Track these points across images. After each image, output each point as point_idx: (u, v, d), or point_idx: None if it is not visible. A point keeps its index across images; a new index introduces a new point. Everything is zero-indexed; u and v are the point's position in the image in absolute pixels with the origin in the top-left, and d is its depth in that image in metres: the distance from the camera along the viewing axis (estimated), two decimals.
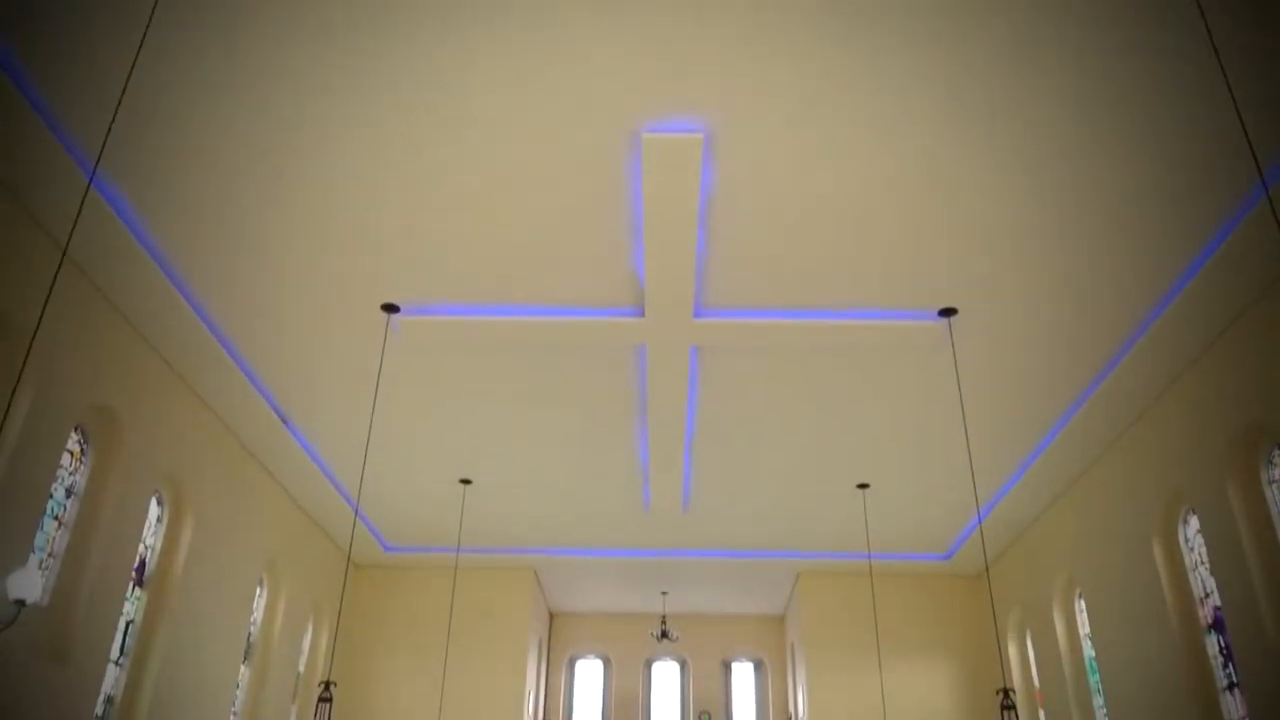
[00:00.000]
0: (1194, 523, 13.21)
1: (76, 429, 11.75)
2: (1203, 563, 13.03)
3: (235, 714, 16.24)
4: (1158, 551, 13.75)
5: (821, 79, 8.44)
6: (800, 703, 22.08)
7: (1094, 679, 16.49)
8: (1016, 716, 10.13)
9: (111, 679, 12.72)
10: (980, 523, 15.16)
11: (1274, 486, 11.46)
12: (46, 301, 6.56)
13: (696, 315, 12.06)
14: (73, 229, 6.52)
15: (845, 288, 11.44)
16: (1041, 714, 18.37)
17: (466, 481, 17.13)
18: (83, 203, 6.25)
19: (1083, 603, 16.83)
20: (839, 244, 10.64)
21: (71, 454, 11.78)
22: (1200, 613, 13.17)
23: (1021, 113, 8.73)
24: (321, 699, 10.48)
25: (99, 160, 6.67)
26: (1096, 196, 9.74)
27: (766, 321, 12.11)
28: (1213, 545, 12.37)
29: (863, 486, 16.96)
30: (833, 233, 10.46)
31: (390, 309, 11.96)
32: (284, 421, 14.87)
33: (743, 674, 25.89)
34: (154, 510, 13.77)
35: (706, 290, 11.60)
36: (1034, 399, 13.75)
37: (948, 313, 11.74)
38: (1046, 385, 13.37)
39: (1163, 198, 9.72)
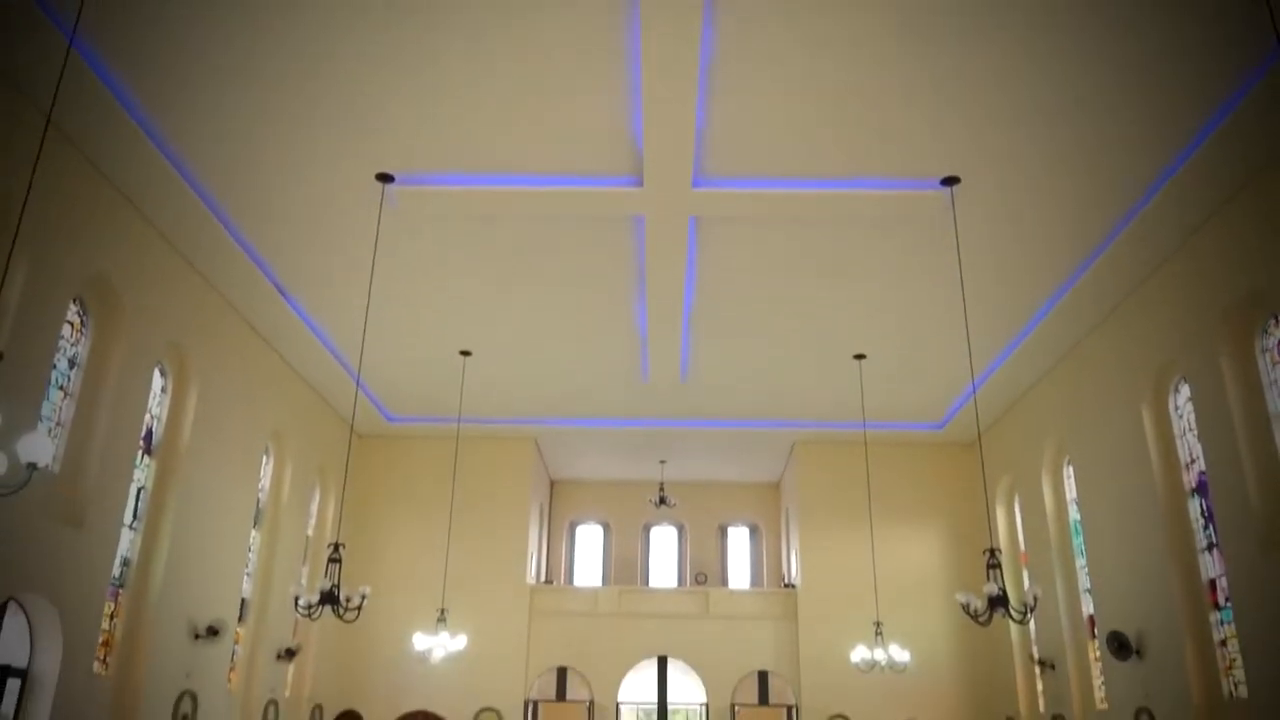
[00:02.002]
0: (1185, 391, 13.41)
1: (75, 300, 11.76)
2: (1190, 430, 13.29)
3: (249, 575, 16.86)
4: (1147, 419, 14.00)
5: None
6: (794, 565, 22.90)
7: (1078, 541, 17.06)
8: (1001, 575, 10.52)
9: (126, 542, 13.15)
10: (974, 392, 15.37)
11: (1267, 355, 11.58)
12: (34, 171, 6.46)
13: (695, 185, 11.89)
14: (55, 94, 6.37)
15: (848, 156, 11.24)
16: (1025, 574, 19.08)
17: (466, 353, 17.26)
18: (64, 67, 6.08)
19: (1071, 469, 17.25)
20: (842, 110, 10.39)
21: (72, 325, 11.83)
22: (1185, 478, 13.52)
23: None
24: (331, 560, 10.84)
25: (78, 20, 6.45)
26: (1103, 64, 9.46)
27: (767, 191, 11.95)
28: (1202, 412, 12.60)
29: (859, 357, 17.10)
30: (836, 98, 10.20)
31: (385, 179, 11.77)
32: (281, 292, 14.87)
33: (738, 539, 26.74)
34: (158, 380, 13.93)
35: (706, 159, 11.40)
36: (1033, 269, 13.72)
37: (950, 181, 11.58)
38: (1046, 255, 13.32)
39: (1170, 66, 9.43)
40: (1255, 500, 11.34)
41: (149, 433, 13.75)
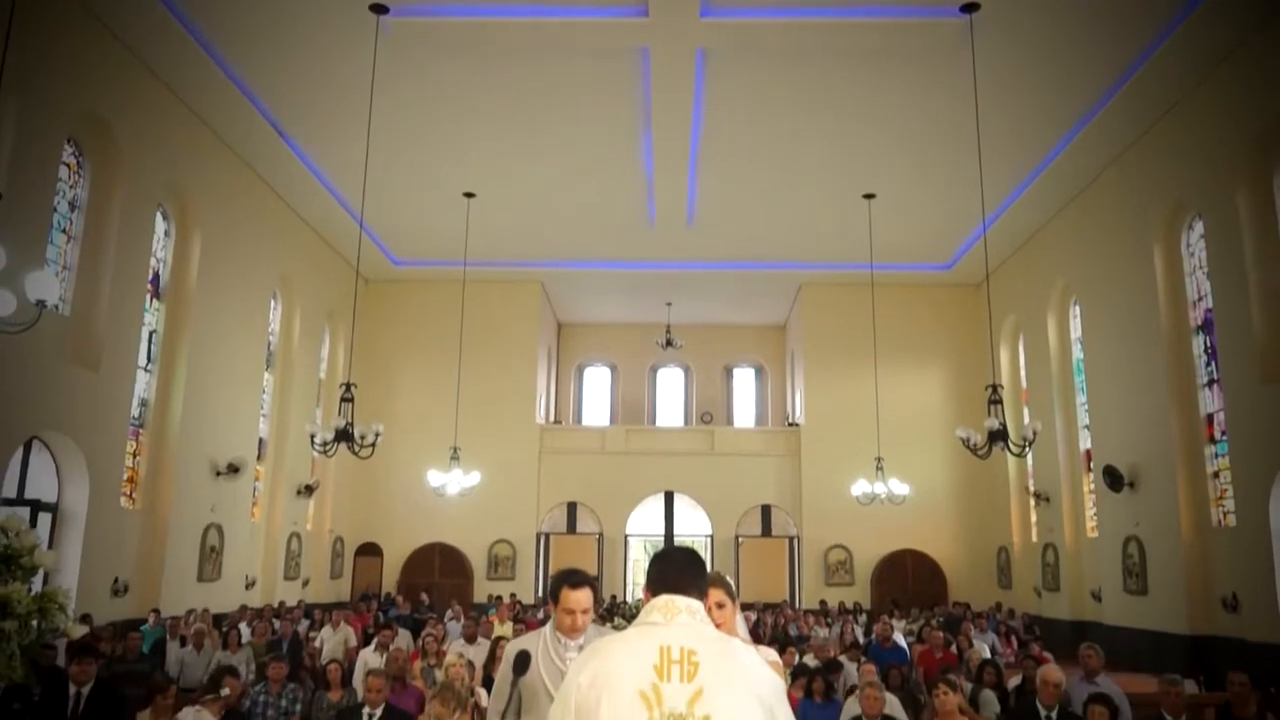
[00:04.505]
0: (1198, 228, 13.26)
1: (69, 141, 11.53)
2: (1201, 267, 13.22)
3: (264, 415, 17.26)
4: (1158, 257, 13.90)
5: None
6: (798, 404, 23.30)
7: (1079, 379, 17.27)
8: (1002, 410, 10.70)
9: (143, 384, 13.40)
10: (984, 232, 15.16)
11: None
12: (13, 3, 6.18)
13: (703, 14, 11.37)
14: None
15: None
16: (1025, 411, 19.41)
17: (470, 195, 16.99)
18: None
19: (1077, 308, 17.27)
20: None
21: (68, 166, 11.65)
22: (1191, 315, 13.54)
23: None
24: (343, 399, 11.06)
25: None
26: None
27: (778, 20, 11.44)
28: (1213, 248, 12.52)
29: (869, 197, 16.81)
30: None
31: (379, 9, 11.27)
32: (278, 131, 14.51)
33: (743, 379, 27.12)
34: (160, 224, 13.83)
35: None
36: (1050, 103, 13.28)
37: (970, 9, 11.04)
38: (1065, 88, 12.86)
39: None
40: (1259, 334, 11.41)
41: (155, 276, 13.77)
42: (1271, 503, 11.10)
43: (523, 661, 3.44)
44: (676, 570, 2.55)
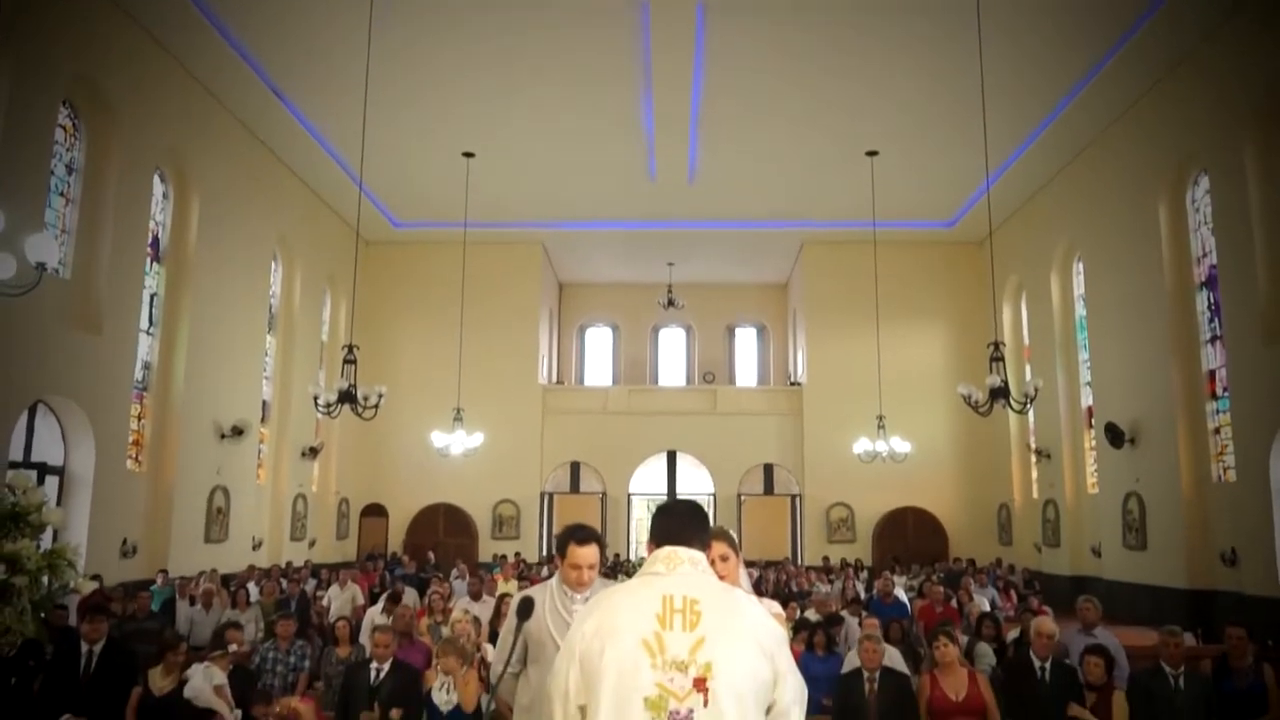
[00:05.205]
0: (1204, 184, 13.16)
1: (65, 104, 11.44)
2: (1206, 223, 13.15)
3: (267, 378, 17.30)
4: (1163, 213, 13.83)
5: None
6: (800, 364, 23.31)
7: (1082, 336, 17.26)
8: (1004, 368, 10.71)
9: (145, 347, 13.42)
10: (988, 189, 15.05)
11: None
12: None
13: None
14: None
15: None
16: (1027, 368, 19.42)
17: (470, 155, 16.86)
18: None
19: (1081, 266, 17.20)
20: None
21: (64, 129, 11.57)
22: (1195, 272, 13.49)
23: None
24: (346, 361, 11.08)
25: None
26: None
27: None
28: (1219, 204, 12.44)
29: (872, 154, 16.67)
30: None
31: None
32: (275, 92, 14.38)
33: (745, 339, 27.10)
34: (158, 187, 13.76)
35: None
36: (1056, 58, 13.10)
37: None
38: (1069, 43, 12.68)
39: None
40: (1263, 290, 11.38)
41: (155, 239, 13.73)
42: (1271, 459, 11.15)
43: (526, 607, 3.47)
44: (679, 522, 2.58)
